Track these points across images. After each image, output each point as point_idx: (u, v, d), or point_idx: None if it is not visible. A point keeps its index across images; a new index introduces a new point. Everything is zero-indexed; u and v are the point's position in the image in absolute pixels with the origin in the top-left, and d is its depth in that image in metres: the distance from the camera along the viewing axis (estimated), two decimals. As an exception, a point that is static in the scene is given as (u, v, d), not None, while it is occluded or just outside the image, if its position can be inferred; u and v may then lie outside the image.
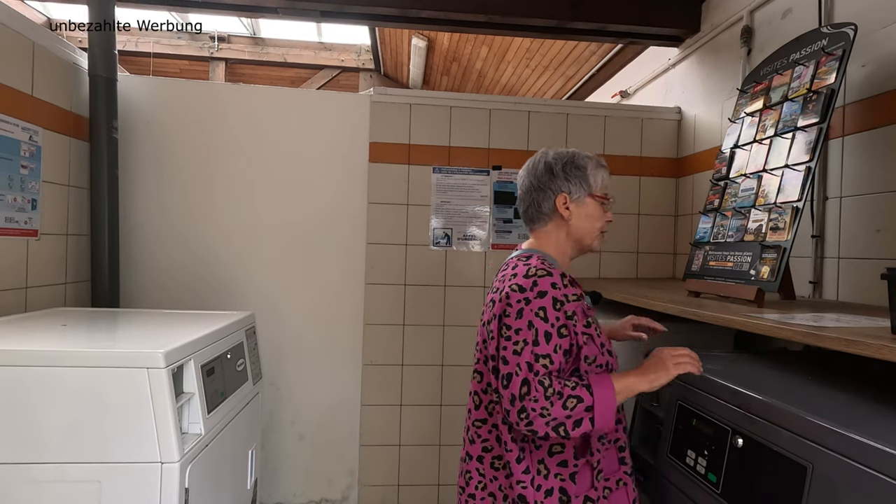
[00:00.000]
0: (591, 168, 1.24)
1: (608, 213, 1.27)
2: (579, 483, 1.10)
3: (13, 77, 1.85)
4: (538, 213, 1.25)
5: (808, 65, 1.61)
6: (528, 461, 1.11)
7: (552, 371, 1.04)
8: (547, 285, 1.09)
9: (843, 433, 0.81)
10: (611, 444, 1.17)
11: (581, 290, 1.20)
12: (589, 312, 1.19)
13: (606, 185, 1.26)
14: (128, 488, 1.21)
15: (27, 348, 1.25)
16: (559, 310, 1.08)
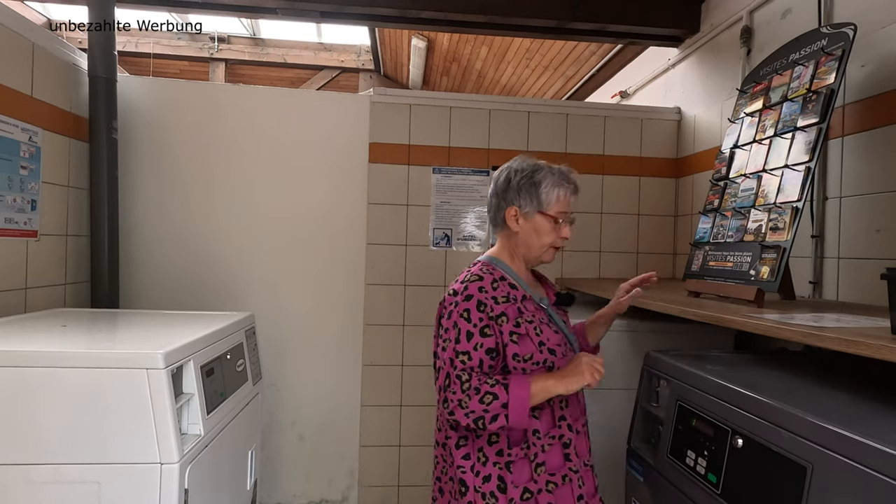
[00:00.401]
0: (546, 185, 1.27)
1: (564, 230, 1.30)
2: (516, 473, 1.17)
3: (13, 78, 1.85)
4: (495, 219, 1.34)
5: (807, 65, 1.61)
6: (469, 448, 1.20)
7: (472, 367, 1.15)
8: (474, 290, 1.21)
9: (844, 433, 0.81)
10: (554, 440, 1.20)
11: (551, 291, 1.35)
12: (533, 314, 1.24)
13: (566, 203, 1.29)
14: (127, 489, 1.21)
15: (27, 349, 1.25)
16: (482, 311, 1.18)
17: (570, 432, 1.22)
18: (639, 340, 1.47)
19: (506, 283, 1.25)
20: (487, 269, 1.26)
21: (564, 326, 1.32)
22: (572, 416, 1.24)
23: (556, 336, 1.25)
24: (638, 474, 1.39)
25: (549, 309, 1.29)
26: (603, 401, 1.95)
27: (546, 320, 1.26)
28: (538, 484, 1.16)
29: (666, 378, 1.34)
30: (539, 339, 1.21)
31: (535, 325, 1.22)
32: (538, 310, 1.27)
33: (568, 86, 4.27)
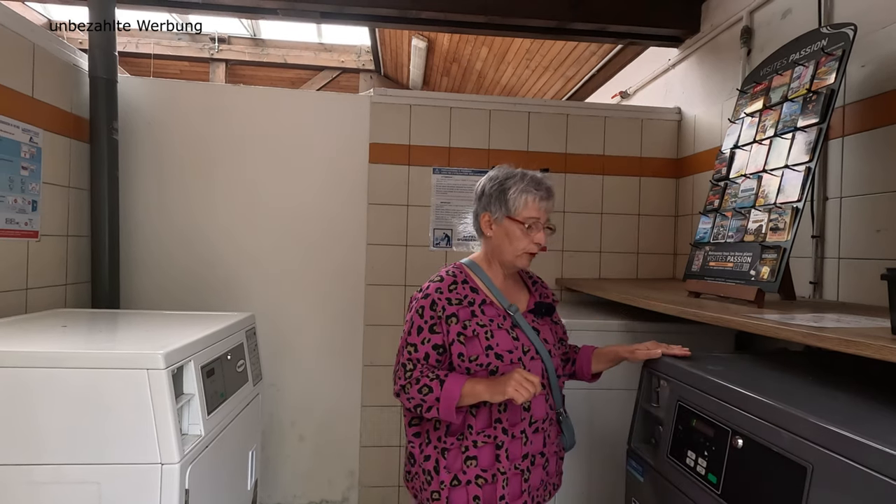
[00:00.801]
0: (514, 191, 1.31)
1: (536, 236, 1.32)
2: (449, 460, 1.28)
3: (13, 78, 1.85)
4: (475, 227, 1.41)
5: (807, 65, 1.61)
6: (420, 427, 1.34)
7: (417, 358, 1.27)
8: (432, 290, 1.31)
9: (844, 434, 0.81)
10: (489, 439, 1.27)
11: (534, 299, 1.41)
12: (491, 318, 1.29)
13: (536, 209, 1.31)
14: (128, 489, 1.21)
15: (27, 349, 1.25)
16: (434, 310, 1.28)
17: (504, 435, 1.27)
18: (639, 341, 1.47)
19: (467, 286, 1.33)
20: (454, 272, 1.35)
21: (535, 335, 1.34)
22: (510, 420, 1.27)
23: (510, 343, 1.29)
24: (638, 474, 1.39)
25: (515, 316, 1.33)
26: (603, 401, 1.95)
27: (508, 326, 1.31)
28: (467, 475, 1.26)
29: (666, 378, 1.34)
30: (488, 343, 1.27)
31: (488, 329, 1.28)
32: (501, 316, 1.32)
33: (568, 86, 4.27)
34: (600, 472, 1.97)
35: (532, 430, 1.30)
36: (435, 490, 1.27)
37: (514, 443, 1.28)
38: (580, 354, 1.48)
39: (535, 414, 1.31)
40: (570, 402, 1.93)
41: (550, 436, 1.35)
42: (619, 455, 1.59)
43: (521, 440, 1.29)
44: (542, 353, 1.33)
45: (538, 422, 1.31)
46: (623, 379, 1.85)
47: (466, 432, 1.27)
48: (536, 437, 1.31)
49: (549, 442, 1.35)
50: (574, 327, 1.95)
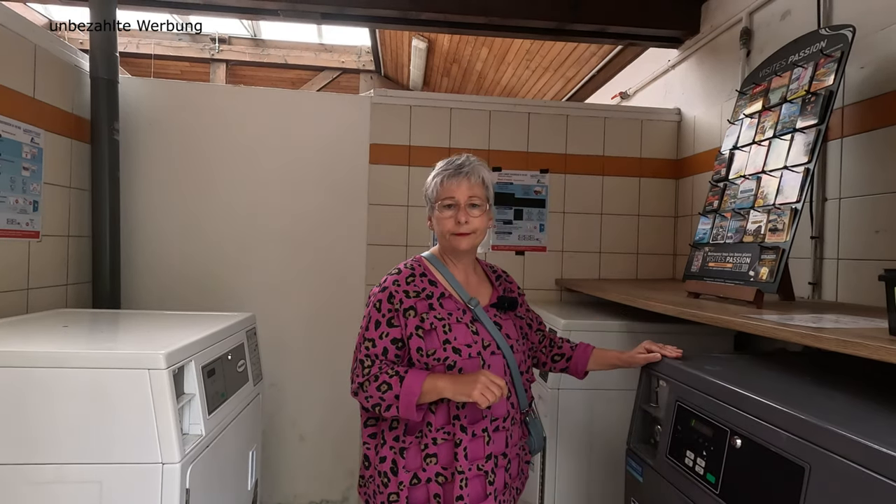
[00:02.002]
0: (430, 180, 1.33)
1: (460, 215, 1.27)
2: (408, 459, 1.23)
3: (15, 79, 1.85)
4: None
5: (806, 66, 1.61)
6: (375, 428, 1.30)
7: (375, 353, 1.23)
8: (389, 283, 1.29)
9: (842, 434, 0.82)
10: (449, 436, 1.22)
11: (498, 293, 1.37)
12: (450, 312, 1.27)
13: (447, 189, 1.29)
14: (129, 489, 1.21)
15: (28, 350, 1.25)
16: (391, 303, 1.25)
17: (462, 433, 1.21)
18: (638, 341, 1.47)
19: (425, 279, 1.30)
20: (412, 265, 1.33)
21: (496, 330, 1.30)
22: (469, 418, 1.22)
23: (469, 337, 1.25)
24: (637, 474, 1.39)
25: (476, 310, 1.29)
26: (602, 401, 1.96)
27: (467, 321, 1.27)
28: (427, 472, 1.21)
29: (665, 378, 1.35)
30: (445, 337, 1.23)
31: (447, 322, 1.25)
32: (460, 309, 1.28)
33: (568, 87, 4.28)
34: (599, 472, 1.98)
35: (493, 428, 1.25)
36: (393, 492, 1.22)
37: (475, 442, 1.22)
38: (577, 353, 1.46)
39: (494, 412, 1.25)
40: (568, 402, 1.95)
41: (513, 436, 1.29)
42: (618, 455, 1.59)
43: (482, 439, 1.23)
44: (503, 348, 1.29)
45: (499, 420, 1.26)
46: (622, 379, 1.86)
47: (426, 430, 1.22)
48: (498, 437, 1.26)
49: (512, 443, 1.29)
50: (574, 328, 1.96)
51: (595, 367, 1.46)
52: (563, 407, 1.94)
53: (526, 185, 2.72)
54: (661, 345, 1.42)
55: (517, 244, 2.72)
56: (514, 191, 2.71)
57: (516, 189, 2.71)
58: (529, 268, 2.72)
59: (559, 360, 1.47)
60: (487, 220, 1.33)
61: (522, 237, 2.72)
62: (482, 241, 1.36)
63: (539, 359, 1.48)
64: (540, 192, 2.73)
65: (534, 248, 2.73)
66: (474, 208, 1.29)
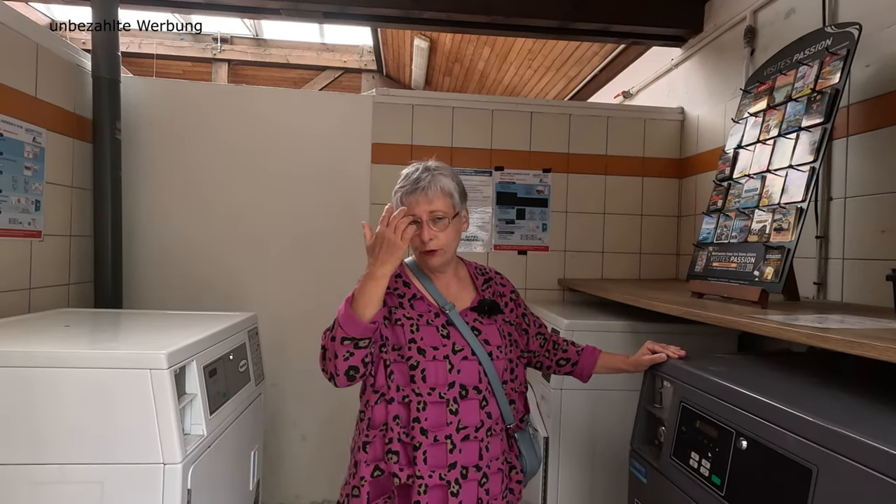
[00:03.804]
0: (393, 195, 1.28)
1: (423, 232, 1.23)
2: (371, 453, 1.21)
3: (17, 79, 1.85)
4: None
5: (812, 65, 1.60)
6: (359, 419, 1.28)
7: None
8: None
9: (850, 435, 0.81)
10: (407, 438, 1.18)
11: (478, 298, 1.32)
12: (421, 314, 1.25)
13: (408, 204, 1.22)
14: (130, 489, 1.21)
15: (30, 349, 1.25)
16: None
17: (422, 436, 1.16)
18: (642, 342, 1.46)
19: (400, 280, 1.30)
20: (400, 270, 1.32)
21: (472, 335, 1.25)
22: (430, 421, 1.17)
23: (437, 340, 1.21)
24: (641, 476, 1.38)
25: (451, 314, 1.25)
26: (605, 402, 1.95)
27: (439, 324, 1.23)
28: (388, 467, 1.18)
29: (669, 379, 1.34)
30: (411, 336, 1.21)
31: (414, 322, 1.23)
32: (431, 312, 1.25)
33: (570, 86, 4.26)
34: (602, 473, 1.97)
35: (461, 437, 1.18)
36: (355, 485, 1.19)
37: (437, 447, 1.16)
38: (583, 358, 1.42)
39: (463, 419, 1.18)
40: (571, 403, 1.94)
41: (490, 449, 1.21)
42: (621, 456, 1.58)
43: (445, 446, 1.16)
44: (479, 354, 1.23)
45: (469, 429, 1.19)
46: (625, 380, 1.85)
47: (391, 423, 1.19)
48: (468, 447, 1.18)
49: (489, 456, 1.20)
50: (576, 328, 1.95)
51: (601, 372, 1.44)
52: (566, 408, 1.94)
53: (528, 184, 2.71)
54: (664, 345, 1.41)
55: (519, 244, 2.71)
56: (516, 190, 2.70)
57: (519, 188, 2.71)
58: (532, 268, 2.72)
59: (564, 365, 1.44)
60: (460, 226, 1.28)
61: (525, 237, 2.71)
62: (455, 249, 1.30)
63: (542, 363, 1.44)
64: (542, 192, 2.72)
65: (536, 247, 2.72)
66: (438, 222, 1.23)
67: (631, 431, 1.47)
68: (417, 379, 1.19)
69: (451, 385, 1.20)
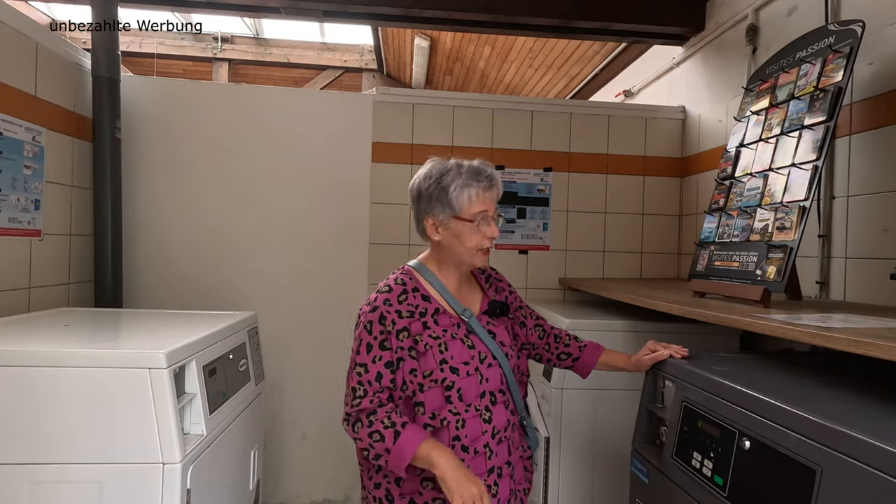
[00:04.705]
0: (454, 189, 1.20)
1: (488, 229, 1.22)
2: (404, 485, 1.16)
3: (16, 77, 1.85)
4: (419, 229, 1.28)
5: (814, 62, 1.59)
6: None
7: (368, 380, 1.14)
8: (380, 302, 1.18)
9: (854, 435, 0.80)
10: None
11: (487, 299, 1.31)
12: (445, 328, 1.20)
13: (481, 201, 1.20)
14: (129, 489, 1.20)
15: (30, 349, 1.24)
16: (383, 325, 1.16)
17: (463, 453, 1.15)
18: (643, 341, 1.46)
19: (418, 294, 1.21)
20: (402, 280, 1.22)
21: (491, 339, 1.24)
22: (470, 437, 1.16)
23: (466, 353, 1.19)
24: (642, 476, 1.38)
25: (471, 321, 1.23)
26: (607, 401, 1.94)
27: (462, 335, 1.21)
28: (424, 497, 1.15)
29: (671, 379, 1.33)
30: (442, 357, 1.16)
31: (442, 341, 1.18)
32: (454, 324, 1.22)
33: (571, 85, 4.25)
34: (604, 473, 1.96)
35: (496, 441, 1.20)
36: None
37: (477, 459, 1.17)
38: (585, 354, 1.42)
39: (496, 425, 1.20)
40: (572, 402, 1.94)
41: (514, 442, 1.25)
42: (622, 456, 1.58)
43: (484, 455, 1.17)
44: (499, 358, 1.23)
45: (501, 432, 1.21)
46: (627, 379, 1.84)
47: None
48: (500, 448, 1.20)
49: (514, 448, 1.25)
50: (578, 327, 1.94)
51: (602, 369, 1.43)
52: (567, 407, 1.93)
53: (529, 183, 2.71)
54: (666, 344, 1.40)
55: (520, 243, 2.70)
56: (517, 189, 2.70)
57: (520, 187, 2.70)
58: (533, 267, 2.71)
59: (565, 359, 1.43)
60: None
61: (526, 236, 2.71)
62: None
63: (542, 356, 1.43)
64: (543, 191, 2.72)
65: (537, 247, 2.71)
66: (498, 218, 1.25)
67: (632, 431, 1.46)
68: (454, 399, 1.16)
69: (483, 395, 1.20)
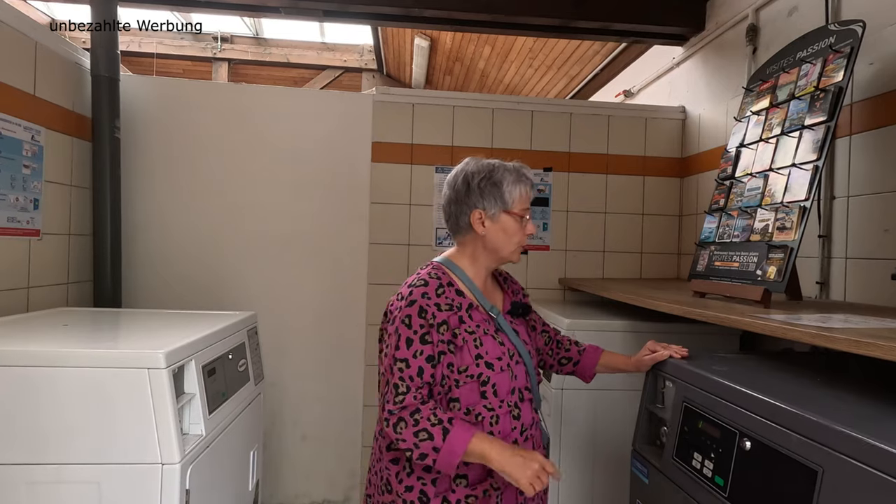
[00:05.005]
0: (507, 184, 1.23)
1: (529, 226, 1.27)
2: (440, 485, 1.16)
3: (15, 76, 1.84)
4: (457, 225, 1.28)
5: (815, 62, 1.59)
6: (399, 453, 1.18)
7: (410, 375, 1.12)
8: (418, 295, 1.17)
9: (856, 436, 0.80)
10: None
11: (510, 299, 1.33)
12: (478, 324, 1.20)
13: (526, 199, 1.26)
14: (128, 490, 1.20)
15: (28, 349, 1.24)
16: (423, 318, 1.15)
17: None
18: (643, 341, 1.46)
19: (453, 289, 1.22)
20: (436, 274, 1.23)
21: (516, 337, 1.27)
22: (502, 433, 1.18)
23: (498, 349, 1.21)
24: (643, 476, 1.37)
25: (498, 319, 1.25)
26: (607, 402, 1.94)
27: (492, 331, 1.23)
28: (456, 494, 1.15)
29: (671, 379, 1.33)
30: (477, 352, 1.17)
31: (477, 336, 1.19)
32: (486, 320, 1.23)
33: (571, 85, 4.25)
34: (604, 473, 1.96)
35: (523, 438, 1.22)
36: None
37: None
38: (585, 358, 1.43)
39: (524, 422, 1.22)
40: (572, 403, 1.93)
41: (537, 440, 1.27)
42: (623, 456, 1.57)
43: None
44: (524, 356, 1.26)
45: (528, 429, 1.23)
46: (627, 380, 1.84)
47: None
48: (526, 445, 1.23)
49: (537, 446, 1.27)
50: (577, 328, 1.94)
51: (602, 371, 1.44)
52: (567, 407, 1.93)
53: (529, 183, 2.70)
54: (666, 344, 1.40)
55: (520, 243, 2.70)
56: (517, 189, 2.69)
57: (519, 188, 2.69)
58: (533, 267, 2.71)
59: (566, 364, 1.44)
60: None
61: (525, 236, 2.70)
62: None
63: (546, 361, 1.45)
64: (543, 191, 2.71)
65: (537, 247, 2.71)
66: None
67: (632, 431, 1.46)
68: (489, 394, 1.17)
69: (513, 391, 1.21)
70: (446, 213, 1.30)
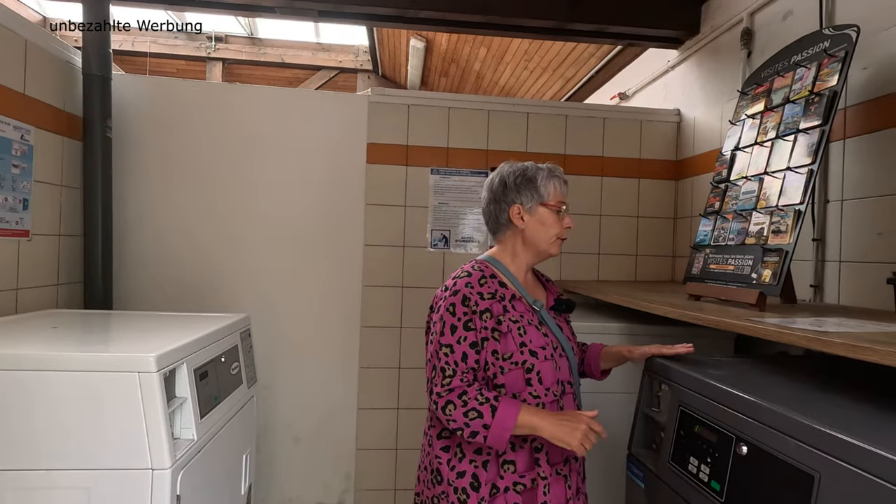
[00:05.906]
0: (541, 179, 1.33)
1: (566, 220, 1.36)
2: (490, 471, 1.21)
3: (4, 75, 1.82)
4: (497, 223, 1.37)
5: (809, 67, 1.59)
6: (450, 441, 1.25)
7: (455, 360, 1.19)
8: (462, 285, 1.25)
9: (852, 441, 0.80)
10: (525, 443, 1.22)
11: (552, 296, 1.39)
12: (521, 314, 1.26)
13: (561, 194, 1.36)
14: (117, 495, 1.18)
15: (17, 351, 1.22)
16: (467, 305, 1.22)
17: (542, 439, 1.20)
18: (638, 344, 1.45)
19: (496, 280, 1.29)
20: (479, 267, 1.31)
21: (559, 331, 1.32)
22: None
23: (542, 339, 1.26)
24: (638, 480, 1.37)
25: (541, 312, 1.30)
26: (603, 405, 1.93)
27: (536, 323, 1.28)
28: (504, 481, 1.19)
29: (667, 382, 1.32)
30: (521, 340, 1.23)
31: (521, 325, 1.24)
32: (529, 311, 1.29)
33: (567, 87, 4.26)
34: (599, 477, 1.95)
35: None
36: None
37: (553, 445, 1.20)
38: (589, 353, 1.47)
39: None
40: (568, 406, 1.93)
41: None
42: (619, 460, 1.57)
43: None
44: (567, 351, 1.31)
45: None
46: (623, 382, 1.83)
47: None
48: None
49: None
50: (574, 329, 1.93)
51: (609, 365, 1.46)
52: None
53: (524, 185, 2.70)
54: (670, 345, 1.41)
55: (515, 245, 2.69)
56: (512, 191, 2.69)
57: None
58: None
59: (579, 363, 1.47)
60: None
61: (521, 238, 2.70)
62: None
63: None
64: (538, 193, 2.71)
65: (532, 249, 2.70)
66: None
67: (628, 435, 1.45)
68: (534, 381, 1.22)
69: (558, 382, 1.26)
70: (486, 215, 1.39)
